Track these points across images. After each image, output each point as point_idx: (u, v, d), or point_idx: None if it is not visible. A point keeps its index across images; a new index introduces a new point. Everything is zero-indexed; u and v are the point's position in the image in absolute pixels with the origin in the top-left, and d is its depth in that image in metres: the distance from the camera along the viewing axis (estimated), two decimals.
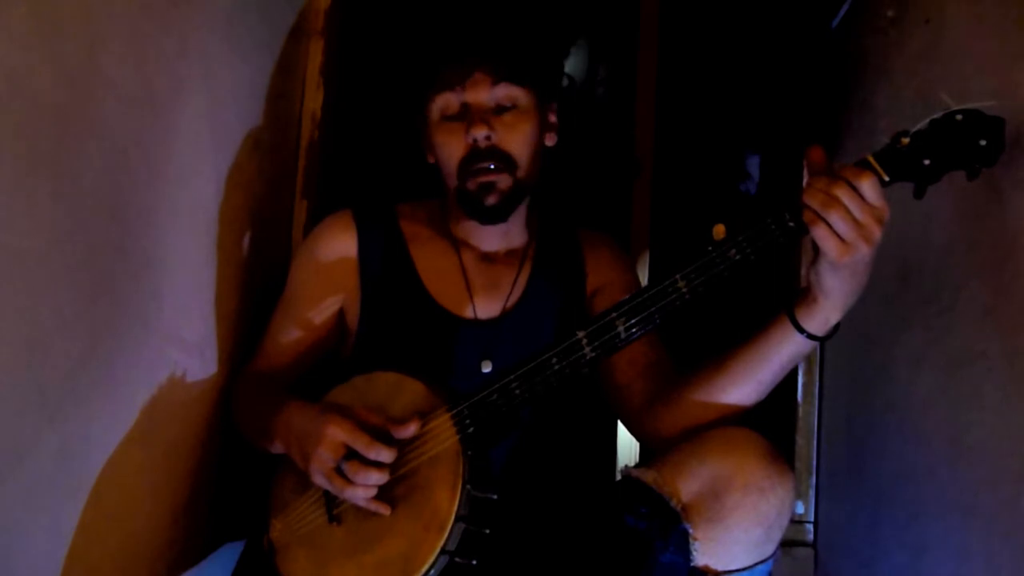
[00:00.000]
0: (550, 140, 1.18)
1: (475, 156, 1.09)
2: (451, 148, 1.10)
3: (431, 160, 1.19)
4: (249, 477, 1.14)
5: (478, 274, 1.18)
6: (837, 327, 0.92)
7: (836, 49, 1.50)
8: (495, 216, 1.12)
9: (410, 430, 0.94)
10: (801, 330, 0.92)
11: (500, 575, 1.00)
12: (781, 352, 0.94)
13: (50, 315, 0.79)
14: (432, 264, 1.17)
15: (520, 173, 1.11)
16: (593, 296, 1.21)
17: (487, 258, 1.19)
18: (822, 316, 0.90)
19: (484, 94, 1.10)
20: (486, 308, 1.16)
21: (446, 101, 1.11)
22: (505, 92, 1.11)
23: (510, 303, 1.17)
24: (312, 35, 1.50)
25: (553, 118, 1.19)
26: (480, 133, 1.07)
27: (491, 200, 1.09)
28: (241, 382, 1.18)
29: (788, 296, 0.94)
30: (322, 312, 1.17)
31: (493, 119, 1.09)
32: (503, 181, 1.09)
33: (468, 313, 1.15)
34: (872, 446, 1.25)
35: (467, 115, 1.09)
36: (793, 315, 0.92)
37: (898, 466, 1.15)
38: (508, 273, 1.19)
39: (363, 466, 0.91)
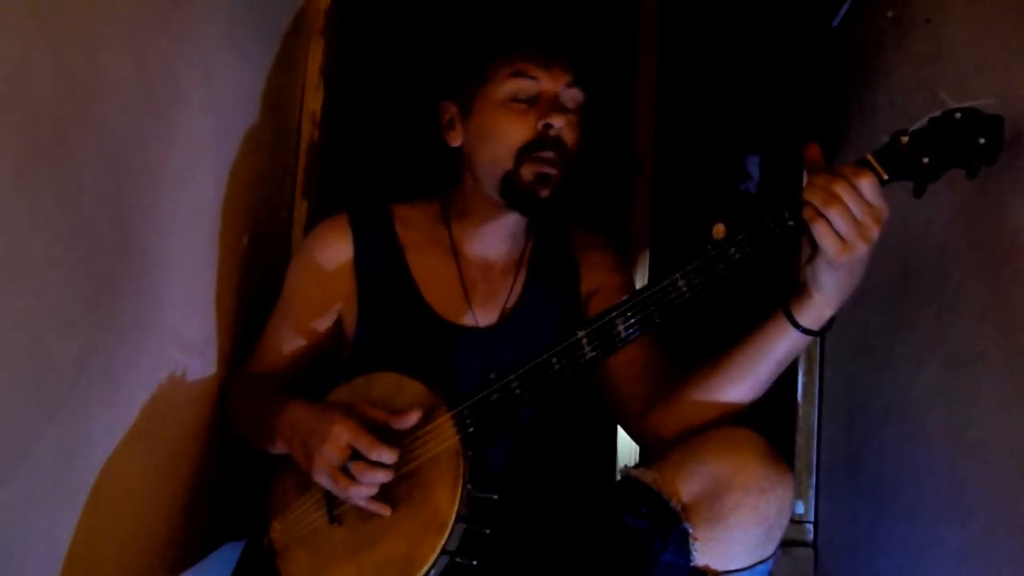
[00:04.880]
0: None
1: (542, 143, 1.07)
2: (516, 130, 1.08)
3: (456, 142, 1.15)
4: (249, 477, 1.14)
5: (476, 281, 1.17)
6: (832, 322, 0.93)
7: (836, 49, 1.50)
8: (543, 209, 1.09)
9: (412, 419, 0.94)
10: (796, 325, 0.92)
11: (500, 575, 1.00)
12: (777, 347, 0.94)
13: (50, 315, 0.79)
14: (430, 272, 1.17)
15: (567, 174, 1.10)
16: (588, 298, 1.21)
17: (485, 263, 1.19)
18: (817, 311, 0.91)
19: (561, 88, 1.09)
20: (485, 315, 1.16)
21: (523, 84, 1.08)
22: (575, 94, 1.11)
23: (508, 309, 1.17)
24: (312, 35, 1.50)
25: None
26: (559, 122, 1.06)
27: (544, 192, 1.07)
28: (237, 383, 1.18)
29: (783, 291, 0.94)
30: (318, 318, 1.17)
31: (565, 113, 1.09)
32: (557, 176, 1.08)
33: (467, 321, 1.15)
34: (872, 446, 1.25)
35: (540, 101, 1.08)
36: (788, 310, 0.92)
37: (898, 466, 1.15)
38: (505, 278, 1.19)
39: (368, 466, 0.91)
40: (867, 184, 0.82)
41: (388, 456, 0.91)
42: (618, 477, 1.06)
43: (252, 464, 1.12)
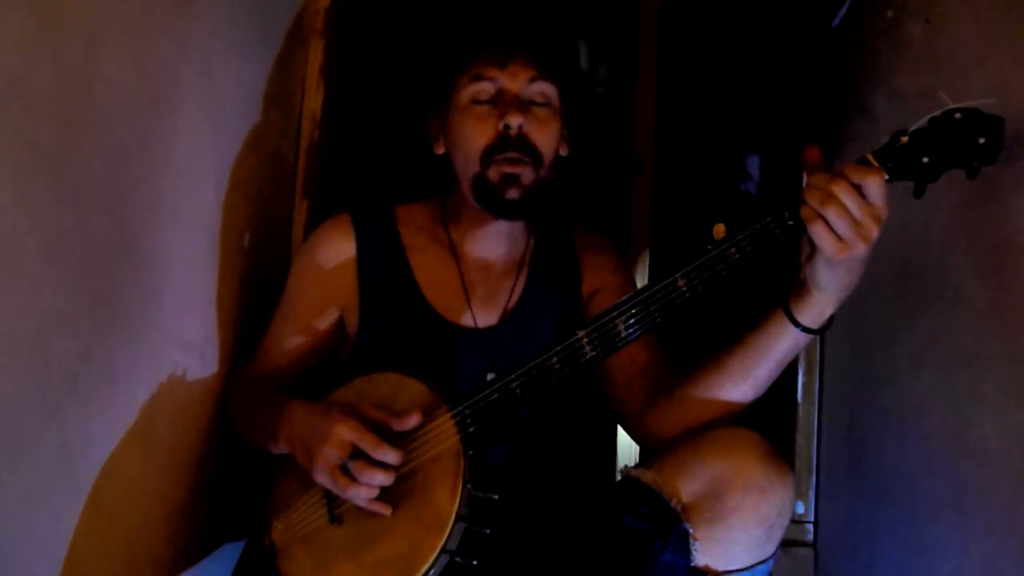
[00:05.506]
0: (563, 150, 1.19)
1: (503, 144, 1.07)
2: (478, 133, 1.08)
3: (440, 150, 1.17)
4: (249, 477, 1.14)
5: (477, 282, 1.17)
6: (831, 320, 0.93)
7: (836, 49, 1.50)
8: (513, 211, 1.10)
9: (412, 421, 0.94)
10: (796, 323, 0.92)
11: (500, 575, 1.00)
12: (777, 346, 0.94)
13: (50, 315, 0.79)
14: (431, 272, 1.17)
15: (543, 171, 1.10)
16: (589, 299, 1.21)
17: (485, 264, 1.19)
18: (816, 310, 0.91)
19: (522, 86, 1.09)
20: (485, 316, 1.16)
21: (481, 86, 1.09)
22: (542, 88, 1.11)
23: (508, 309, 1.17)
24: (312, 35, 1.50)
25: (566, 130, 1.20)
26: (516, 120, 1.06)
27: (512, 194, 1.07)
28: (238, 383, 1.18)
29: (783, 290, 0.94)
30: (321, 318, 1.17)
31: (527, 111, 1.09)
32: (527, 176, 1.08)
33: (467, 322, 1.15)
34: (872, 446, 1.25)
35: (501, 102, 1.09)
36: (788, 308, 0.92)
37: (898, 466, 1.15)
38: (506, 279, 1.19)
39: (369, 466, 0.91)
40: (866, 184, 0.82)
41: (392, 456, 0.91)
42: (618, 477, 1.06)
43: (252, 464, 1.12)
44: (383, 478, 0.91)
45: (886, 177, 0.84)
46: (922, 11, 1.17)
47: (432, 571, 0.90)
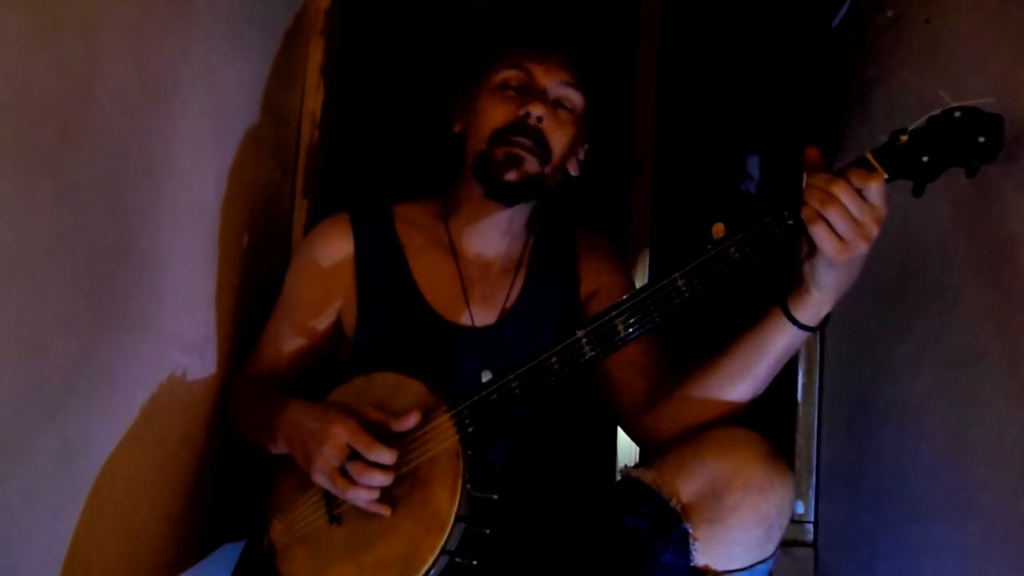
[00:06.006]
0: (574, 169, 1.19)
1: (518, 128, 1.09)
2: (497, 113, 1.11)
3: (458, 128, 1.19)
4: (249, 477, 1.14)
5: (475, 280, 1.17)
6: (828, 318, 0.93)
7: (836, 49, 1.50)
8: (506, 193, 1.11)
9: (411, 421, 0.94)
10: (794, 321, 0.92)
11: (500, 575, 1.00)
12: (775, 344, 0.95)
13: (50, 315, 0.79)
14: (430, 271, 1.17)
15: (547, 169, 1.12)
16: (588, 300, 1.21)
17: (484, 262, 1.19)
18: (815, 308, 0.91)
19: (554, 84, 1.12)
20: (483, 315, 1.16)
21: (515, 73, 1.12)
22: (569, 93, 1.13)
23: (507, 308, 1.17)
24: (312, 35, 1.50)
25: (582, 152, 1.21)
26: (538, 111, 1.09)
27: (511, 175, 1.09)
28: (237, 383, 1.18)
29: (780, 288, 0.94)
30: (319, 317, 1.17)
31: (551, 108, 1.11)
32: (531, 164, 1.10)
33: (465, 321, 1.15)
34: (872, 446, 1.25)
35: (529, 91, 1.11)
36: (786, 306, 0.92)
37: (898, 466, 1.15)
38: (505, 278, 1.19)
39: (367, 467, 0.91)
40: (866, 184, 0.82)
41: (387, 457, 0.91)
42: (618, 477, 1.06)
43: (252, 464, 1.12)
44: (382, 479, 0.91)
45: (885, 176, 0.84)
46: (922, 11, 1.17)
47: (432, 571, 0.90)
